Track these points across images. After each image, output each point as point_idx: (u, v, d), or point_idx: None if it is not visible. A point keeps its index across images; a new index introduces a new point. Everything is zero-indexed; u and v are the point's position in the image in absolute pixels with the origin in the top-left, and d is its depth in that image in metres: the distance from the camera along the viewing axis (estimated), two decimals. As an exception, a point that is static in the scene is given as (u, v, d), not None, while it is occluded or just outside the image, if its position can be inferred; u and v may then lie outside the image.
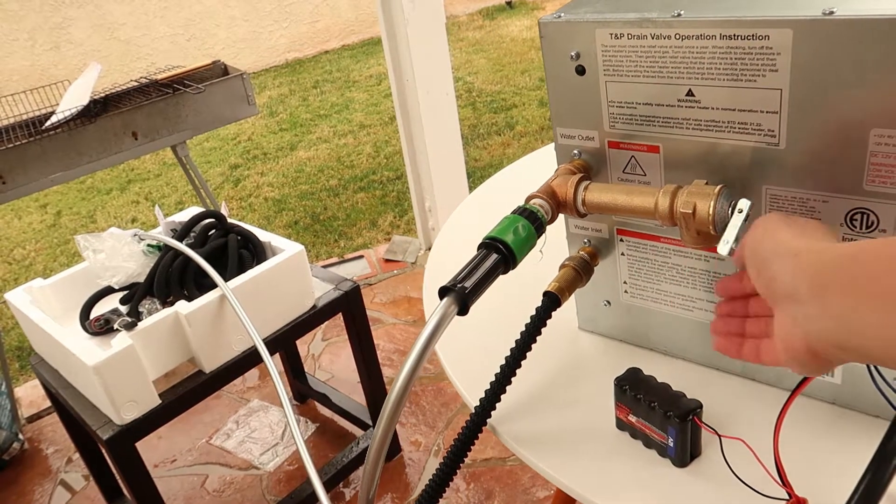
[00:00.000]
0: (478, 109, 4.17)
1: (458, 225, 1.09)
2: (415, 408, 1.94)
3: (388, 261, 2.69)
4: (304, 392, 2.00)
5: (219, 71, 2.21)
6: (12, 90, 4.01)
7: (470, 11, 6.65)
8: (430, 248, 2.71)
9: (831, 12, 0.48)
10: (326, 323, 2.13)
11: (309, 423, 1.95)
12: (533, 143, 3.60)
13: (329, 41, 6.25)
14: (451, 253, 1.00)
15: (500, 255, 0.58)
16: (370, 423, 1.75)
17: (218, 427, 1.98)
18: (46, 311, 1.35)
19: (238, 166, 3.97)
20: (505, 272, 0.59)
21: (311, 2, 6.07)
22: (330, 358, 2.20)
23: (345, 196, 3.36)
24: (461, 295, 0.54)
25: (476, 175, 3.26)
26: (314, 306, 1.46)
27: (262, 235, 1.46)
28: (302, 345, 2.23)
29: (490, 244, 0.58)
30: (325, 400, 1.90)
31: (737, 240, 0.52)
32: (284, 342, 1.44)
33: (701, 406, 0.58)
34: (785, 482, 0.51)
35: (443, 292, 0.55)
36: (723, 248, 0.52)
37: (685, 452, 0.59)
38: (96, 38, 5.20)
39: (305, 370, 2.01)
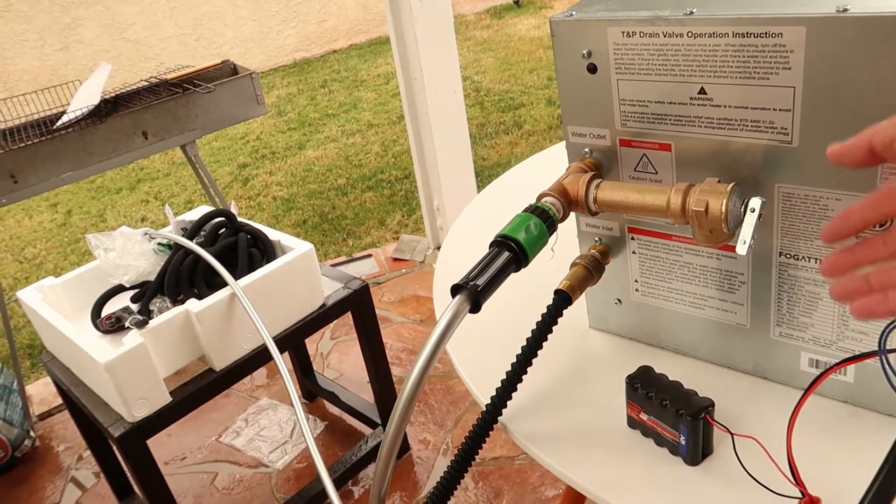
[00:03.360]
0: (485, 108, 4.17)
1: (468, 224, 1.09)
2: (423, 406, 1.94)
3: (396, 260, 2.69)
4: (312, 390, 2.01)
5: (228, 70, 2.22)
6: (22, 90, 4.04)
7: (477, 10, 6.64)
8: (438, 247, 2.72)
9: (845, 9, 0.48)
10: (335, 322, 2.14)
11: (318, 421, 1.96)
12: (541, 142, 3.60)
13: (337, 41, 6.26)
14: (461, 252, 1.00)
15: (511, 253, 0.58)
16: (379, 421, 1.76)
17: (227, 425, 1.98)
18: (58, 309, 1.36)
19: (246, 165, 3.98)
20: (517, 270, 0.59)
21: (319, 1, 6.09)
22: (338, 357, 2.21)
23: (353, 195, 3.37)
24: (473, 293, 0.55)
25: (484, 174, 3.25)
26: (323, 305, 1.47)
27: (272, 234, 1.47)
28: (311, 343, 2.24)
29: (502, 242, 0.58)
30: (334, 398, 1.91)
31: (753, 238, 0.52)
32: (294, 340, 1.45)
33: (713, 404, 0.58)
34: (798, 481, 0.51)
35: (455, 290, 0.56)
36: (741, 248, 0.52)
37: (697, 451, 0.59)
38: (105, 38, 5.23)
39: (314, 369, 2.01)
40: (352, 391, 1.92)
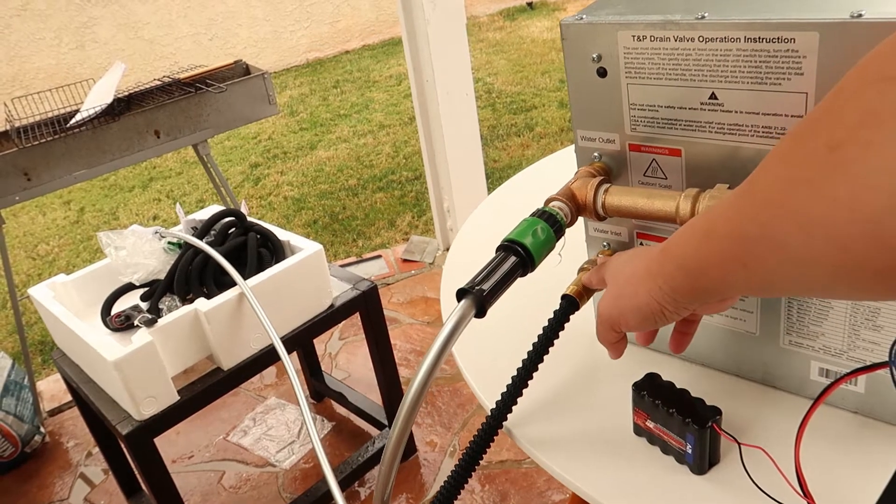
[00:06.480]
0: (497, 110, 4.17)
1: (477, 226, 1.08)
2: (430, 408, 1.94)
3: (405, 261, 2.69)
4: (320, 391, 2.01)
5: (240, 70, 2.23)
6: (37, 88, 4.08)
7: (490, 12, 6.64)
8: (448, 249, 2.71)
9: (860, 15, 0.47)
10: (344, 322, 2.14)
11: (325, 421, 1.96)
12: (552, 145, 3.59)
13: (349, 41, 6.27)
14: (470, 254, 1.00)
15: (518, 257, 0.57)
16: (386, 422, 1.76)
17: (235, 424, 1.99)
18: (69, 306, 1.37)
19: (258, 165, 4.00)
20: (523, 275, 0.59)
21: (333, 2, 6.10)
22: (347, 357, 2.21)
23: (363, 196, 3.37)
24: (479, 297, 0.54)
25: (495, 176, 3.25)
26: (332, 305, 1.47)
27: (281, 234, 1.47)
28: (319, 344, 2.24)
29: (508, 246, 0.58)
30: (342, 399, 1.91)
31: None
32: (302, 341, 1.45)
33: (720, 413, 0.58)
34: (805, 492, 0.51)
35: (460, 294, 0.55)
36: None
37: (703, 460, 0.58)
38: (120, 37, 5.26)
39: (322, 369, 2.02)
40: (360, 392, 1.92)
